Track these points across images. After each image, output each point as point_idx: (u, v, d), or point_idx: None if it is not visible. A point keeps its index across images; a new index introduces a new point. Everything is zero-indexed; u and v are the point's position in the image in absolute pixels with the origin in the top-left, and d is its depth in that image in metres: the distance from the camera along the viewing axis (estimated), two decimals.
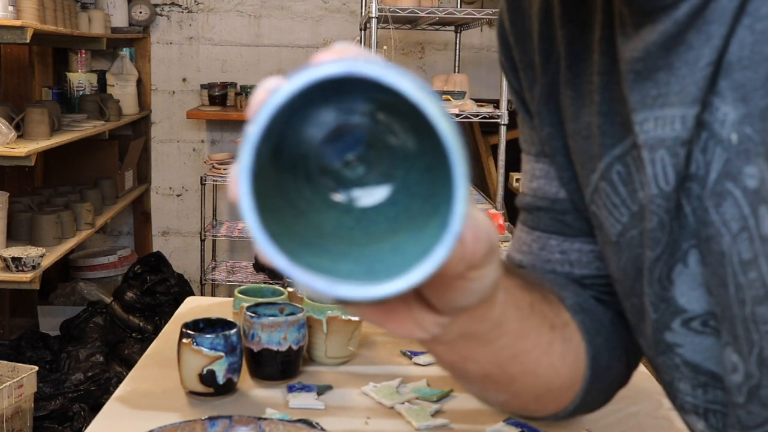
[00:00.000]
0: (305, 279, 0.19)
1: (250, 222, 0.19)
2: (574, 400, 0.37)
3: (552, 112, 0.37)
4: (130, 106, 2.27)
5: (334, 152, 0.22)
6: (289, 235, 0.20)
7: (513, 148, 2.42)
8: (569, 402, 0.37)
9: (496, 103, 1.77)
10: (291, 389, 0.62)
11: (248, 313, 0.64)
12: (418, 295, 0.26)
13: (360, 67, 0.19)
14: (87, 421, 1.48)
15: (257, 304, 0.66)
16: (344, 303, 0.22)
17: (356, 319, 0.68)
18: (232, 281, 2.14)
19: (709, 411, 0.33)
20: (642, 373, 0.68)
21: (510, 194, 1.81)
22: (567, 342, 0.35)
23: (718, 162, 0.29)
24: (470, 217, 0.22)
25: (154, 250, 2.41)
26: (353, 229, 0.21)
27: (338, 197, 0.22)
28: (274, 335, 0.63)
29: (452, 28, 2.12)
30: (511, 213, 1.88)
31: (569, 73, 0.36)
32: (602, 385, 0.38)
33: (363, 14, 1.91)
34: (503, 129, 1.71)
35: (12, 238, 1.65)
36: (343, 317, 0.67)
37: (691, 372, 0.33)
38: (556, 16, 0.36)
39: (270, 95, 0.19)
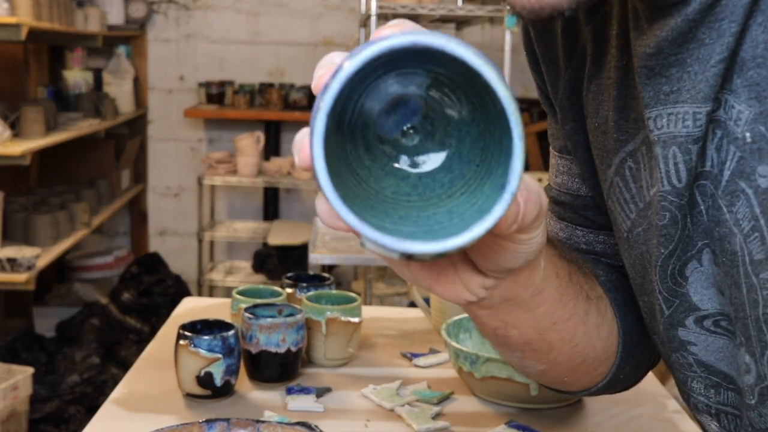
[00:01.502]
0: (375, 236, 0.21)
1: (324, 184, 0.21)
2: (607, 375, 0.38)
3: (576, 107, 0.37)
4: (126, 105, 2.26)
5: (392, 123, 0.23)
6: (353, 199, 0.21)
7: None
8: (602, 377, 0.38)
9: None
10: (289, 391, 0.61)
11: (246, 314, 0.63)
12: (466, 259, 0.27)
13: (423, 38, 0.20)
14: (83, 424, 1.46)
15: (255, 306, 0.65)
16: (410, 258, 0.23)
17: (356, 320, 0.67)
18: (229, 282, 2.13)
19: (722, 412, 0.33)
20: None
21: None
22: (601, 315, 0.36)
23: (731, 160, 0.29)
24: (523, 181, 0.24)
25: (151, 250, 2.39)
26: (410, 194, 0.23)
27: (396, 165, 0.23)
28: (273, 337, 0.62)
29: (453, 25, 2.11)
30: None
31: (593, 67, 0.36)
32: (634, 361, 0.39)
33: (363, 11, 1.90)
34: None
35: (7, 238, 1.63)
36: (342, 319, 0.67)
37: (703, 372, 0.33)
38: (580, 12, 0.36)
39: (339, 67, 0.21)
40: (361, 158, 0.23)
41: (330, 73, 0.21)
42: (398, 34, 0.20)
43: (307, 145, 0.21)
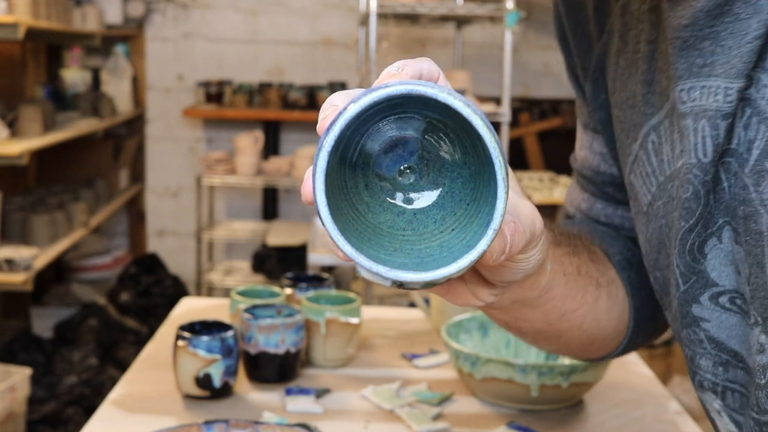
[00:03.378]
0: (368, 265, 0.23)
1: (324, 215, 0.23)
2: (618, 348, 0.40)
3: (605, 80, 0.38)
4: (124, 104, 2.25)
5: (390, 162, 0.25)
6: (352, 231, 0.24)
7: (516, 146, 2.41)
8: (614, 349, 0.40)
9: (497, 101, 1.76)
10: (289, 392, 0.61)
11: (245, 314, 0.63)
12: (473, 271, 0.29)
13: (418, 87, 0.23)
14: (81, 425, 1.45)
15: (254, 306, 0.65)
16: (401, 286, 0.25)
17: (355, 321, 0.67)
18: (228, 283, 2.12)
19: (728, 390, 0.33)
20: (646, 376, 0.67)
21: None
22: (612, 298, 0.38)
23: (760, 140, 0.29)
24: (513, 213, 0.26)
25: (150, 250, 2.39)
26: (405, 229, 0.25)
27: (392, 201, 0.26)
28: (272, 337, 0.62)
29: (453, 24, 2.10)
30: None
31: (620, 42, 0.36)
32: (646, 332, 0.41)
33: (362, 10, 1.90)
34: (506, 128, 1.69)
35: (5, 238, 1.63)
36: (342, 319, 0.66)
37: (714, 348, 0.33)
38: None
39: (342, 110, 0.23)
40: (361, 194, 0.25)
41: (333, 114, 0.23)
42: (396, 83, 0.23)
43: (311, 180, 0.23)
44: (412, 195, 0.25)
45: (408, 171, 0.25)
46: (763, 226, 0.29)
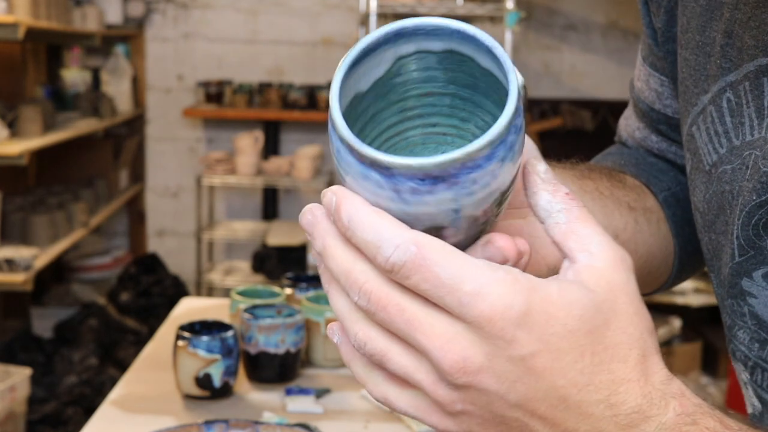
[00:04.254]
0: (397, 161, 0.22)
1: (343, 131, 0.22)
2: (666, 283, 0.40)
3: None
4: (124, 104, 2.25)
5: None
6: None
7: None
8: (661, 285, 0.40)
9: None
10: (289, 392, 0.61)
11: (245, 314, 0.63)
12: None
13: (391, 26, 0.23)
14: (81, 425, 1.45)
15: (254, 306, 0.65)
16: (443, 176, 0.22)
17: None
18: (228, 283, 2.12)
19: (758, 367, 0.32)
20: None
21: None
22: (653, 225, 0.37)
23: None
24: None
25: (150, 250, 2.39)
26: None
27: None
28: (272, 337, 0.62)
29: None
30: None
31: None
32: (691, 267, 0.41)
33: (362, 10, 1.90)
34: None
35: (5, 238, 1.63)
36: None
37: (755, 325, 0.32)
38: None
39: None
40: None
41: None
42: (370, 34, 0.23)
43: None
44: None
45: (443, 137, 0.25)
46: None
